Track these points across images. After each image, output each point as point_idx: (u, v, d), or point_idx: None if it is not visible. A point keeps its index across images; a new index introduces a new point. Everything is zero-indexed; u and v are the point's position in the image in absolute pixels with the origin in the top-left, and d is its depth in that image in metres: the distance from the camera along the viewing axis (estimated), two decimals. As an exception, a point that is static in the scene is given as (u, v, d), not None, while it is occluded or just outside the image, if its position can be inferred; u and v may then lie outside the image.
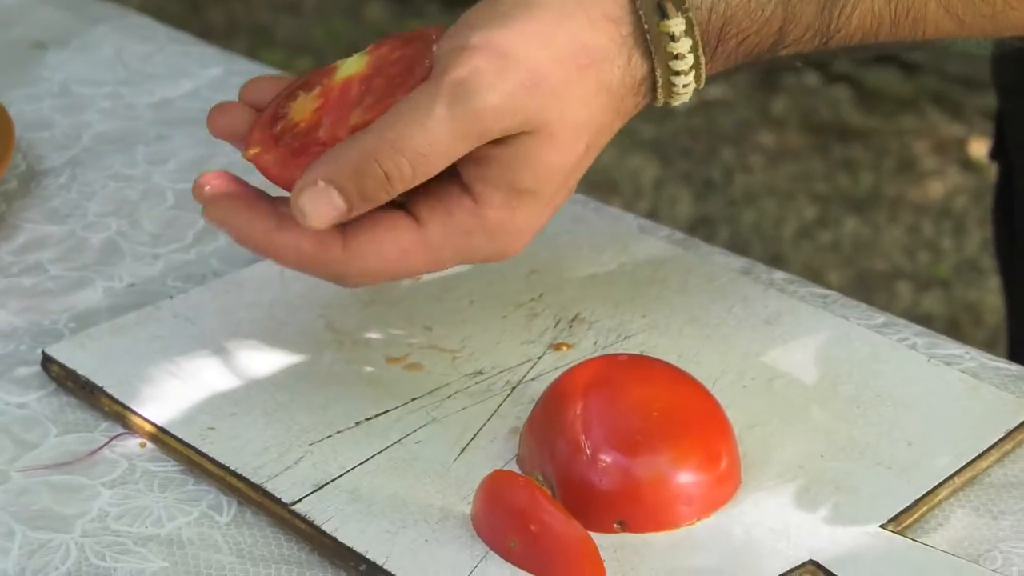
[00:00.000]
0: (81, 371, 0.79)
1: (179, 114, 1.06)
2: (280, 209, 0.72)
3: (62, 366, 0.80)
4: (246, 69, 1.12)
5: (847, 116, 2.93)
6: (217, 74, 1.11)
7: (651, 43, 0.71)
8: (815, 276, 2.52)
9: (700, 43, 0.72)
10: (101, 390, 0.78)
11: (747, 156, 2.85)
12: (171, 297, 0.85)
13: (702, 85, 0.73)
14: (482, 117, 0.69)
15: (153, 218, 0.95)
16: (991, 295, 2.45)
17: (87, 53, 1.15)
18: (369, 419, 0.76)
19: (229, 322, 0.83)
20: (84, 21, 1.19)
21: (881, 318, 0.84)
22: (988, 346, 2.34)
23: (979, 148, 2.78)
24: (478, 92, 0.69)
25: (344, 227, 0.72)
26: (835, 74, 3.02)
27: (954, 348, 0.81)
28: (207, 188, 0.73)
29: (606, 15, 0.71)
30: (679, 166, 2.82)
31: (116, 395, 0.78)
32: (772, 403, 0.76)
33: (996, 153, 1.20)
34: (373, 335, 0.82)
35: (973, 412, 0.76)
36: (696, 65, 0.72)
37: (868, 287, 2.51)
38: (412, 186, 0.70)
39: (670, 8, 0.71)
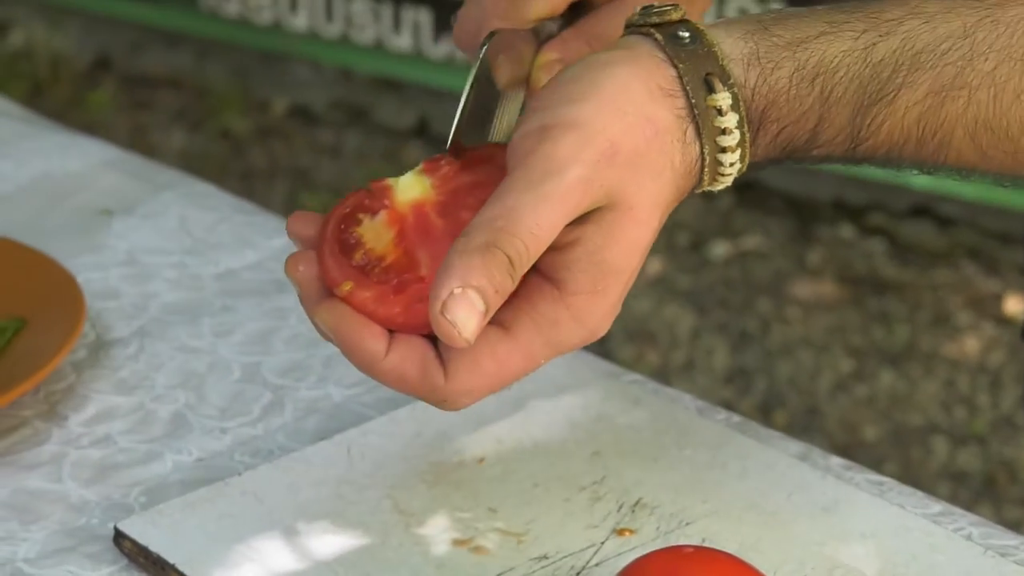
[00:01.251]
0: (153, 548, 0.81)
1: (243, 285, 1.09)
2: (387, 333, 0.73)
3: (134, 542, 0.82)
4: (309, 240, 1.14)
5: (882, 269, 2.95)
6: (280, 245, 1.13)
7: (699, 118, 0.72)
8: (851, 430, 2.54)
9: (745, 120, 0.73)
10: (173, 567, 0.80)
11: (783, 307, 2.87)
12: (239, 473, 0.87)
13: (745, 168, 0.74)
14: (574, 190, 0.70)
15: (220, 391, 0.97)
16: (1027, 453, 2.46)
17: (152, 221, 1.18)
18: (437, 604, 0.77)
19: (297, 501, 0.84)
20: (149, 188, 1.22)
21: (937, 507, 0.85)
22: (1024, 504, 2.35)
23: (1015, 304, 2.80)
24: (565, 167, 0.70)
25: (440, 352, 0.72)
26: (870, 227, 3.05)
27: (1009, 539, 0.82)
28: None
29: (661, 88, 0.72)
30: (715, 316, 2.84)
31: (188, 573, 0.79)
32: (832, 593, 0.78)
33: None
34: (439, 516, 0.83)
35: (1030, 605, 0.77)
36: (742, 143, 0.73)
37: (904, 442, 2.52)
38: (527, 269, 0.70)
39: (716, 83, 0.72)
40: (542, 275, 0.72)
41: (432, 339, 0.73)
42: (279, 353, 1.00)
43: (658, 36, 0.73)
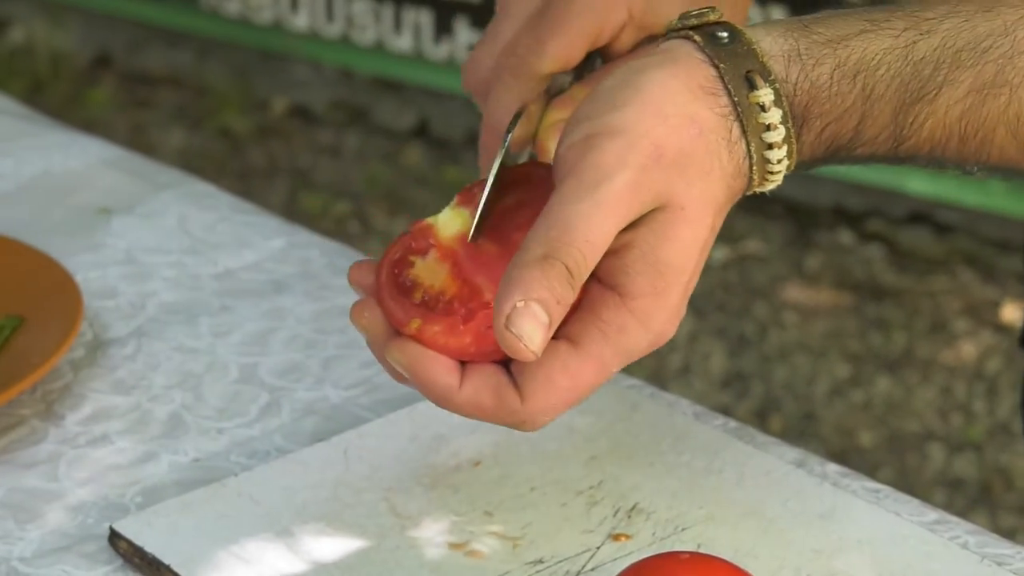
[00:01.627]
0: (149, 548, 0.81)
1: (242, 285, 1.09)
2: (459, 366, 0.73)
3: (130, 542, 0.82)
4: (308, 241, 1.14)
5: (880, 275, 2.95)
6: (279, 246, 1.13)
7: (743, 115, 0.72)
8: (847, 435, 2.54)
9: (789, 116, 0.73)
10: (168, 568, 0.80)
11: (780, 312, 2.87)
12: (236, 474, 0.87)
13: (794, 165, 0.74)
14: (624, 195, 0.70)
15: (217, 392, 0.97)
16: (1023, 459, 2.46)
17: (151, 220, 1.17)
18: (432, 607, 0.77)
19: (293, 503, 0.84)
20: (148, 187, 1.22)
21: (933, 515, 0.85)
22: (1020, 512, 2.35)
23: (1012, 311, 2.80)
24: (612, 173, 0.70)
25: (514, 376, 0.73)
26: (869, 233, 3.05)
27: (1005, 548, 0.82)
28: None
29: (702, 87, 0.73)
30: (713, 321, 2.84)
31: (183, 574, 0.79)
32: (828, 601, 0.78)
33: None
34: (435, 520, 0.83)
35: (1026, 615, 0.77)
36: (788, 139, 0.73)
37: (900, 448, 2.52)
38: (586, 277, 0.70)
39: (757, 79, 0.72)
40: (602, 283, 0.72)
41: (503, 364, 0.73)
42: (277, 354, 1.00)
43: (697, 38, 0.74)
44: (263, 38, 3.68)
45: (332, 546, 0.81)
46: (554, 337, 0.71)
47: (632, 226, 0.71)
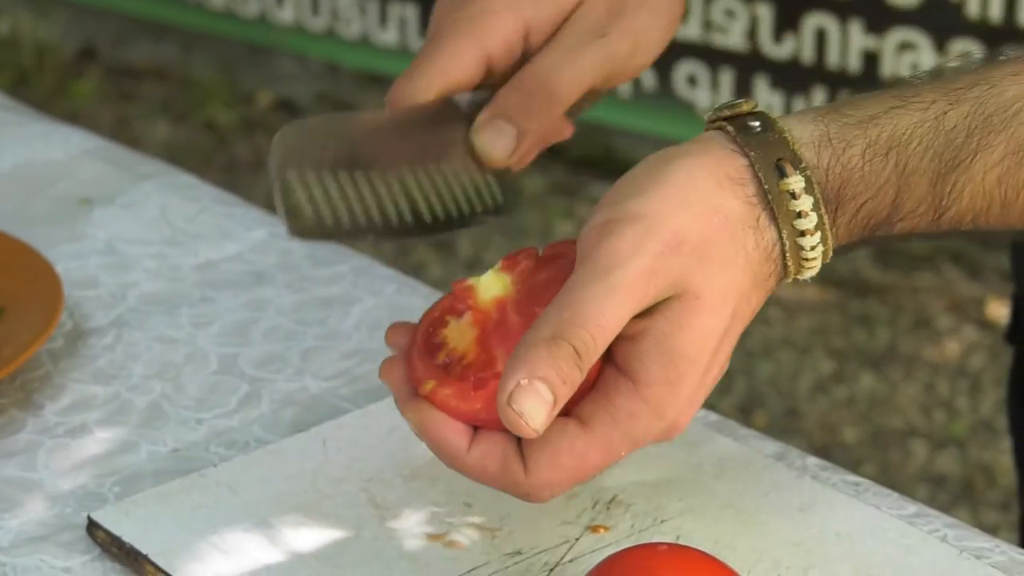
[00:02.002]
0: (126, 538, 0.81)
1: (223, 276, 1.08)
2: (470, 429, 0.75)
3: (108, 532, 0.81)
4: (289, 233, 1.14)
5: (865, 272, 2.95)
6: (261, 237, 1.13)
7: (773, 203, 0.73)
8: (830, 431, 2.54)
9: (822, 202, 0.73)
10: (146, 558, 0.80)
11: (765, 308, 2.86)
12: (215, 465, 0.87)
13: (830, 251, 0.75)
14: (638, 282, 0.71)
15: (197, 382, 0.96)
16: (1006, 456, 2.46)
17: (133, 211, 1.17)
18: (410, 598, 0.77)
19: (272, 493, 0.84)
20: (130, 178, 1.22)
21: (912, 508, 0.85)
22: (1002, 508, 2.35)
23: (996, 308, 2.80)
24: (627, 259, 0.71)
25: (521, 448, 0.74)
26: (853, 229, 3.04)
27: (984, 541, 0.82)
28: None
29: (730, 177, 0.73)
30: (697, 316, 2.84)
31: (160, 564, 0.79)
32: (806, 593, 0.78)
33: (1013, 336, 1.21)
34: (414, 511, 0.83)
35: (1004, 608, 0.77)
36: (821, 226, 0.73)
37: (883, 444, 2.52)
38: (594, 360, 0.71)
39: (788, 167, 0.73)
40: (617, 368, 0.73)
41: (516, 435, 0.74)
42: (257, 345, 1.00)
43: (730, 128, 0.75)
44: (248, 31, 3.67)
45: (311, 537, 0.81)
46: (565, 415, 0.72)
47: (647, 313, 0.72)
